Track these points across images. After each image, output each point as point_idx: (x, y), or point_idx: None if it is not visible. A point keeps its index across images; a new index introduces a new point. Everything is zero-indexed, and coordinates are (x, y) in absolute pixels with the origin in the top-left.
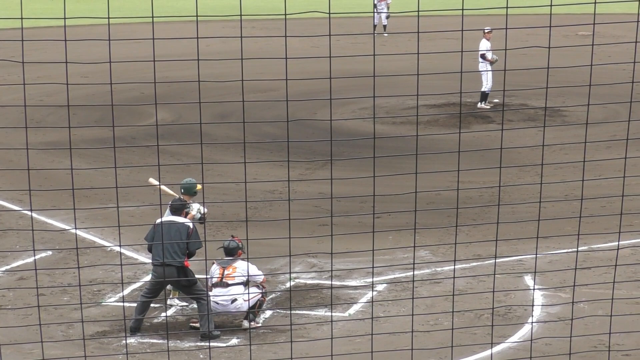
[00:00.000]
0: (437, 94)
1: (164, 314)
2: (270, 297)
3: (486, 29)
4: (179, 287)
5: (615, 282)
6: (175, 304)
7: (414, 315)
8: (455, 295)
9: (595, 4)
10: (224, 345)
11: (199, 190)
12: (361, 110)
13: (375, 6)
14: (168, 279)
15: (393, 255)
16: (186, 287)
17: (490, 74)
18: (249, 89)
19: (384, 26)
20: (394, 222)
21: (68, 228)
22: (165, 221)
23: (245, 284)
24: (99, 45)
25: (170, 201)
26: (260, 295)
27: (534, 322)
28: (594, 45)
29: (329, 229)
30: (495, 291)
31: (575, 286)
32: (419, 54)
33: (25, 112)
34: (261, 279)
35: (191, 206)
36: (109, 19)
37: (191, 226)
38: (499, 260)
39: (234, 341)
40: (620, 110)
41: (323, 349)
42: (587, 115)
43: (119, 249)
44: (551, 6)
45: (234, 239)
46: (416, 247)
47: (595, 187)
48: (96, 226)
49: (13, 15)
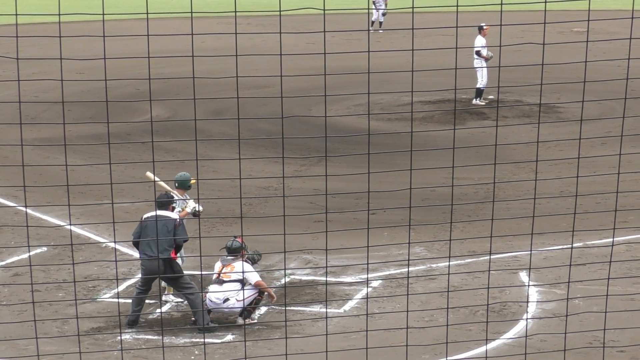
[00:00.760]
0: (432, 90)
1: (159, 310)
2: (266, 294)
3: (482, 25)
4: (166, 280)
5: (610, 279)
6: (171, 299)
7: (408, 311)
8: (450, 292)
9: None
10: (218, 341)
11: (192, 184)
12: (356, 107)
13: (373, 3)
14: (155, 273)
15: (388, 251)
16: (173, 280)
17: (485, 70)
18: (244, 86)
19: (379, 23)
20: (389, 219)
21: (63, 224)
22: (151, 216)
23: (241, 283)
24: (94, 41)
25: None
26: (256, 294)
27: (529, 319)
28: (588, 42)
29: (323, 225)
30: (490, 287)
31: (570, 282)
32: (413, 50)
33: (20, 108)
34: (255, 279)
35: (187, 203)
36: (104, 15)
37: (178, 220)
38: (494, 256)
39: (228, 337)
40: (615, 106)
41: (318, 345)
42: (581, 112)
43: (114, 245)
44: (546, 2)
45: (237, 239)
46: (411, 243)
47: (590, 184)
48: (91, 222)
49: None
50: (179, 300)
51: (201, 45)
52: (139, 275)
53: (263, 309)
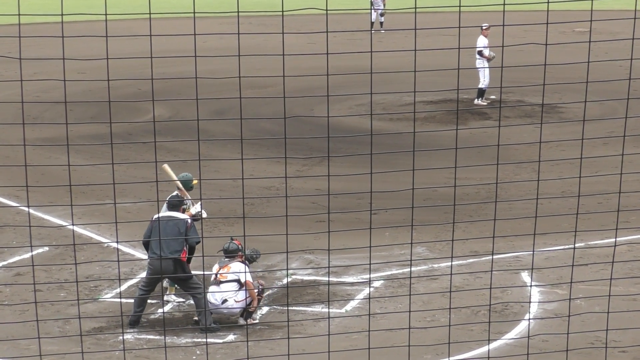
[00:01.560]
0: (434, 90)
1: (161, 310)
2: (267, 293)
3: (484, 25)
4: (175, 281)
5: (612, 279)
6: (172, 299)
7: (410, 311)
8: (452, 292)
9: (593, 0)
10: (220, 341)
11: (195, 185)
12: (358, 107)
13: (372, 3)
14: (164, 273)
15: (390, 251)
16: (182, 281)
17: (487, 70)
18: (246, 85)
19: (380, 23)
20: (391, 219)
21: (65, 224)
22: (163, 216)
23: (239, 284)
24: (96, 41)
25: (167, 197)
26: (255, 294)
27: (530, 319)
28: (590, 42)
29: (326, 225)
30: (492, 288)
31: (572, 283)
32: (415, 50)
33: (23, 108)
34: (244, 279)
35: (195, 205)
36: (106, 15)
37: (189, 221)
38: (495, 256)
39: (230, 337)
40: (617, 106)
41: (320, 345)
42: (584, 112)
43: (116, 245)
44: (548, 2)
45: (233, 240)
46: (413, 243)
47: (592, 184)
48: (93, 222)
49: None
50: (181, 300)
51: (203, 45)
52: (141, 275)
53: (265, 309)
